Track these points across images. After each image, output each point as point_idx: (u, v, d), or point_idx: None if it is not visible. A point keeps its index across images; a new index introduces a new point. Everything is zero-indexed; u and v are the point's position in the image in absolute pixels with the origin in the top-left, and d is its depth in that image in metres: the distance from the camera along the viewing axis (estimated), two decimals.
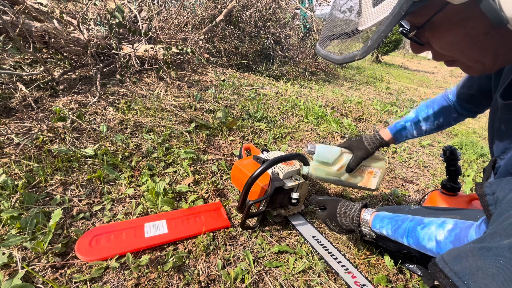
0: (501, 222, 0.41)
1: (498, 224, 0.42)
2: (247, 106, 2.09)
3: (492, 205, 0.46)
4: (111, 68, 1.94)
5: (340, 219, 0.83)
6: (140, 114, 1.57)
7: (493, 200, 0.46)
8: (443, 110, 0.93)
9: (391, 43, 8.08)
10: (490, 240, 0.41)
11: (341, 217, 0.83)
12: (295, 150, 1.65)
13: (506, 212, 0.41)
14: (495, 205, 0.45)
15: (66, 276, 0.72)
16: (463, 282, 0.40)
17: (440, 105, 0.93)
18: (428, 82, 5.83)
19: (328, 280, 0.84)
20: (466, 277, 0.40)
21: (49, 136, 1.21)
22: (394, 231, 0.71)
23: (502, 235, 0.39)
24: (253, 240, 0.95)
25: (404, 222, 0.70)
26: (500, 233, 0.40)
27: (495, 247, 0.39)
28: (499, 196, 0.45)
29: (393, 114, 2.78)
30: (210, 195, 1.13)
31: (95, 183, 1.05)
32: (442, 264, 0.45)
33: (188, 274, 0.79)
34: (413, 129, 0.97)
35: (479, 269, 0.39)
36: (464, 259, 0.42)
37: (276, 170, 0.99)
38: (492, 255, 0.38)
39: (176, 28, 2.38)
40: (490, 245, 0.40)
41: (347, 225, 0.82)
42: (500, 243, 0.39)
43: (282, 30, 3.72)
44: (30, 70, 1.65)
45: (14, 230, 0.79)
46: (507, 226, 0.40)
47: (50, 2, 1.76)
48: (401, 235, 0.69)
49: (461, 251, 0.44)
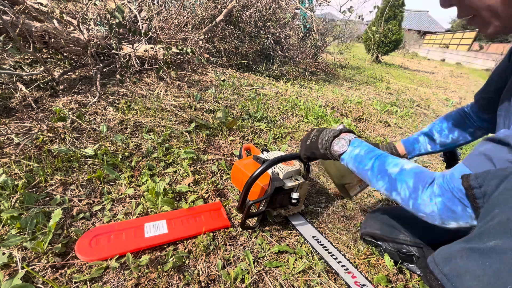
0: (488, 222, 0.42)
1: (485, 223, 0.42)
2: (247, 106, 2.09)
3: (480, 199, 0.46)
4: (111, 68, 1.94)
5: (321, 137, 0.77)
6: (140, 114, 1.57)
7: (480, 194, 0.46)
8: (458, 123, 0.90)
9: (391, 43, 8.08)
10: (478, 241, 0.41)
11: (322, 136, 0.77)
12: (295, 150, 1.65)
13: (493, 210, 0.42)
14: (482, 198, 0.45)
15: (66, 276, 0.72)
16: (451, 284, 0.41)
17: (455, 119, 0.91)
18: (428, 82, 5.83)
19: (328, 280, 0.84)
20: (454, 279, 0.41)
21: (49, 136, 1.21)
22: (366, 152, 0.69)
23: (489, 236, 0.40)
24: (253, 240, 0.95)
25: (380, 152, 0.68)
26: (487, 234, 0.41)
27: (482, 249, 0.39)
28: (487, 190, 0.45)
29: (393, 114, 2.78)
30: (210, 195, 1.13)
31: (95, 183, 1.05)
32: (433, 265, 0.45)
33: (188, 274, 0.79)
34: (427, 143, 0.95)
35: (467, 271, 0.40)
36: (453, 261, 0.42)
37: (276, 170, 0.99)
38: (479, 257, 0.39)
39: (176, 28, 2.38)
40: (478, 246, 0.40)
41: (321, 142, 0.76)
42: (487, 244, 0.39)
43: (282, 30, 3.72)
44: (30, 70, 1.65)
45: (14, 230, 0.79)
46: (493, 226, 0.40)
47: (50, 2, 1.76)
48: (370, 157, 0.67)
49: (451, 252, 0.44)
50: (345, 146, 0.72)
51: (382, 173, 0.64)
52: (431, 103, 3.70)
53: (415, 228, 0.88)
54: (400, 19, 8.00)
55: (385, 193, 0.64)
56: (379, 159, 0.66)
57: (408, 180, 0.59)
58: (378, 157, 0.66)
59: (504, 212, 0.40)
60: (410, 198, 0.58)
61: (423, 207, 0.55)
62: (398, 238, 0.90)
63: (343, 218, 1.15)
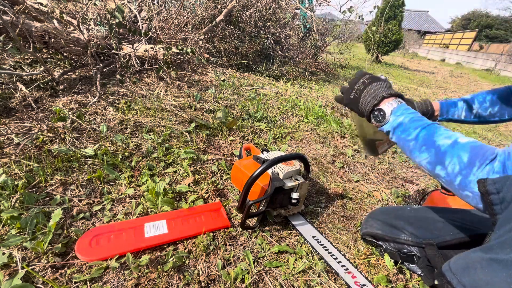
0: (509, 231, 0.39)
1: (506, 232, 0.40)
2: (247, 106, 2.09)
3: (497, 205, 0.44)
4: (111, 68, 1.94)
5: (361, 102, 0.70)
6: (140, 114, 1.57)
7: (498, 200, 0.43)
8: (502, 99, 0.87)
9: (391, 43, 8.08)
10: (499, 251, 0.39)
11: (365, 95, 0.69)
12: (295, 150, 1.65)
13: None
14: (500, 205, 0.43)
15: (66, 276, 0.72)
16: None
17: (500, 93, 0.88)
18: (428, 82, 5.83)
19: (328, 280, 0.84)
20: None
21: (49, 136, 1.21)
22: (412, 120, 0.62)
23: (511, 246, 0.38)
24: (253, 240, 0.95)
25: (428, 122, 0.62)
26: (509, 244, 0.38)
27: (505, 260, 0.37)
28: (505, 196, 0.42)
29: None
30: (210, 195, 1.13)
31: (95, 183, 1.05)
32: (450, 275, 0.43)
33: (188, 274, 0.79)
34: (463, 110, 0.91)
35: (488, 283, 0.38)
36: (473, 271, 0.40)
37: (276, 170, 0.99)
38: (502, 269, 0.37)
39: (176, 28, 2.37)
40: (500, 257, 0.38)
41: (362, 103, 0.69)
42: (510, 255, 0.37)
43: (282, 30, 3.71)
44: (30, 70, 1.65)
45: (14, 230, 0.79)
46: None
47: (50, 2, 1.75)
48: (416, 126, 0.60)
49: (469, 262, 0.42)
50: (387, 115, 0.65)
51: (428, 144, 0.57)
52: None
53: (418, 228, 0.88)
54: (400, 19, 8.00)
55: (427, 167, 0.58)
56: (427, 129, 0.59)
57: (462, 154, 0.52)
58: (426, 127, 0.59)
59: None
60: (460, 174, 0.51)
61: (473, 185, 0.49)
62: (400, 238, 0.90)
63: (343, 218, 1.15)
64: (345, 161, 1.63)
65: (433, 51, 18.08)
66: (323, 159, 1.60)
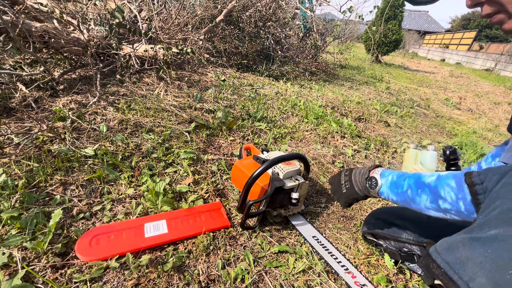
0: (489, 213, 0.44)
1: (486, 215, 0.44)
2: (247, 106, 2.09)
3: (481, 194, 0.48)
4: (111, 68, 1.94)
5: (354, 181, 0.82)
6: (140, 114, 1.57)
7: (482, 189, 0.48)
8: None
9: (391, 43, 8.08)
10: (479, 231, 0.43)
11: (355, 178, 0.82)
12: (295, 150, 1.65)
13: (493, 203, 0.44)
14: (484, 194, 0.48)
15: (66, 276, 0.72)
16: (454, 271, 0.43)
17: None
18: (428, 82, 5.83)
19: (328, 280, 0.84)
20: (457, 266, 0.43)
21: (49, 136, 1.21)
22: (398, 176, 0.72)
23: (490, 226, 0.42)
24: (253, 240, 0.95)
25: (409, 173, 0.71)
26: (488, 224, 0.43)
27: (483, 238, 0.42)
28: (487, 186, 0.47)
29: (393, 114, 2.78)
30: (210, 195, 1.13)
31: (95, 183, 1.05)
32: (435, 255, 0.47)
33: (188, 274, 0.79)
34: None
35: (469, 259, 0.42)
36: (455, 250, 0.45)
37: (276, 170, 0.99)
38: (480, 245, 0.41)
39: (176, 28, 2.37)
40: (479, 235, 0.43)
41: (357, 185, 0.81)
42: (488, 233, 0.42)
43: (282, 30, 3.71)
44: (30, 70, 1.65)
45: (14, 230, 0.79)
46: (494, 216, 0.43)
47: (50, 2, 1.75)
48: (403, 178, 0.69)
49: (452, 242, 0.46)
50: (378, 180, 0.76)
51: (421, 186, 0.63)
52: (431, 103, 3.70)
53: (420, 227, 0.88)
54: (400, 19, 8.00)
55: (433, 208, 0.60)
56: (412, 177, 0.67)
57: (449, 181, 0.57)
58: (411, 176, 0.68)
59: (505, 203, 0.42)
60: (459, 199, 0.54)
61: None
62: (401, 237, 0.90)
63: (343, 218, 1.15)
64: (345, 161, 1.63)
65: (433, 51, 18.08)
66: (323, 159, 1.60)
